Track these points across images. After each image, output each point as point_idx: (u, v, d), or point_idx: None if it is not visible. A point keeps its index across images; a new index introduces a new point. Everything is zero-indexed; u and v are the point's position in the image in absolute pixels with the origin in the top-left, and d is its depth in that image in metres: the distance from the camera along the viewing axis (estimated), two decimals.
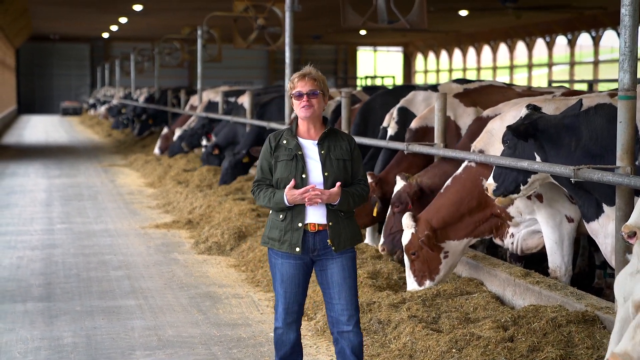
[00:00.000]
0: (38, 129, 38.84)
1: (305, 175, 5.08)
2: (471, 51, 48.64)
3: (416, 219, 7.39)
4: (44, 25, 45.09)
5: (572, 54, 39.81)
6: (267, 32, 18.72)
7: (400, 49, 57.73)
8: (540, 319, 6.08)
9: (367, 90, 13.97)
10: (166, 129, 21.89)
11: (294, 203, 5.04)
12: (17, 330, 7.12)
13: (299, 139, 5.17)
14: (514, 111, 7.38)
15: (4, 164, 21.34)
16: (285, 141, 5.16)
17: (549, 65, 41.40)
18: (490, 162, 7.13)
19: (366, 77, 53.24)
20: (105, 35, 51.13)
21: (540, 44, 42.10)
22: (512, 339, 5.86)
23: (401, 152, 9.18)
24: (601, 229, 6.48)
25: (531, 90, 9.82)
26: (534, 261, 8.28)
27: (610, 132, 6.25)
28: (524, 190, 6.79)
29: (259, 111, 15.52)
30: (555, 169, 6.32)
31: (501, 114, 7.70)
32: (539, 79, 42.58)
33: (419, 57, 56.27)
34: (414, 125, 9.30)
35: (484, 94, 9.44)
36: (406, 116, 9.79)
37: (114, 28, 44.37)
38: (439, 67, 53.06)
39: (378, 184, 9.02)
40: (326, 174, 5.09)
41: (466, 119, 9.14)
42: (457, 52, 50.37)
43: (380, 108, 10.68)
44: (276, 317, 5.21)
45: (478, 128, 8.01)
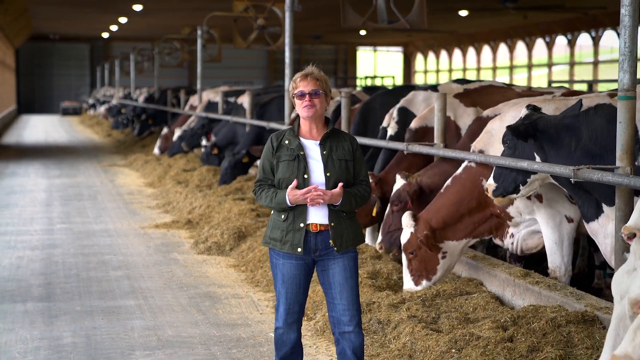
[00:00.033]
0: (38, 128, 38.82)
1: (307, 176, 5.08)
2: (471, 51, 48.63)
3: (416, 219, 7.39)
4: (44, 25, 45.08)
5: (571, 54, 39.80)
6: (267, 32, 18.69)
7: (400, 49, 57.72)
8: (539, 319, 6.08)
9: (367, 90, 13.99)
10: (166, 129, 21.87)
11: (296, 203, 5.03)
12: (17, 330, 7.11)
13: (301, 139, 5.16)
14: (513, 111, 7.38)
15: (3, 164, 21.33)
16: (287, 141, 5.15)
17: (549, 65, 41.38)
18: (490, 163, 7.13)
19: (366, 77, 53.29)
20: (105, 35, 51.10)
21: (540, 44, 42.08)
22: (512, 339, 5.86)
23: (401, 152, 9.18)
24: (601, 229, 6.47)
25: (531, 90, 9.83)
26: (533, 261, 8.28)
27: (610, 133, 6.25)
28: (523, 190, 6.78)
29: (259, 111, 15.52)
30: (555, 169, 6.32)
31: (501, 114, 7.70)
32: (538, 79, 42.55)
33: (419, 57, 56.26)
34: (413, 125, 9.31)
35: (483, 94, 9.45)
36: (406, 116, 9.79)
37: (114, 28, 44.35)
38: (438, 67, 53.05)
39: (378, 184, 9.03)
40: (328, 174, 5.08)
41: (466, 119, 9.15)
42: (457, 52, 50.36)
43: (380, 108, 10.69)
44: (277, 317, 5.21)
45: (478, 128, 8.01)
